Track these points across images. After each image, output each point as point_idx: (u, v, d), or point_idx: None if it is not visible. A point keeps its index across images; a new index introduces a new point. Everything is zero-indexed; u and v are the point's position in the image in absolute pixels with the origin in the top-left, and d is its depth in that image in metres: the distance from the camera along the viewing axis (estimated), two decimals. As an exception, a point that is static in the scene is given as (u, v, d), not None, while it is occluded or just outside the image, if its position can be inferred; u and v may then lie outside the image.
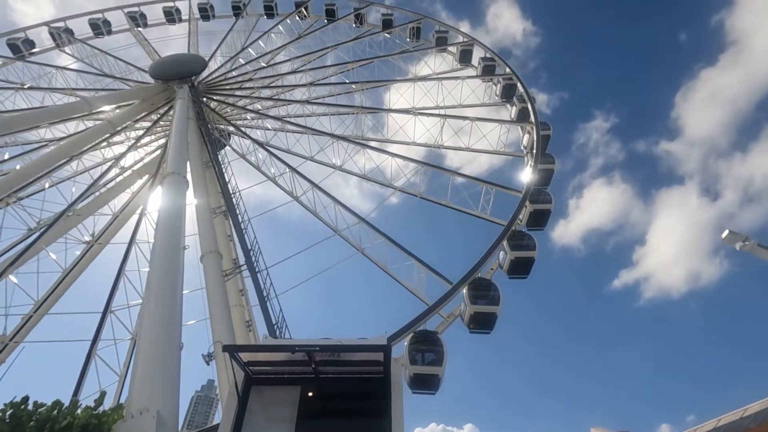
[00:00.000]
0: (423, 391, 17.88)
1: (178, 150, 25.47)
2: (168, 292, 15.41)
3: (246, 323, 28.35)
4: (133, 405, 10.70)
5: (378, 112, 32.93)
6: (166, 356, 12.95)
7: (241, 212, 32.15)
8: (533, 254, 22.45)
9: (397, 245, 23.08)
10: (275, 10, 47.15)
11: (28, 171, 24.78)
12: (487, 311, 19.65)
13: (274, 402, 10.61)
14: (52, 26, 42.47)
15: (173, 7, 47.18)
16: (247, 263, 28.00)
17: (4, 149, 29.25)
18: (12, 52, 39.95)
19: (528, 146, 29.35)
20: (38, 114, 27.47)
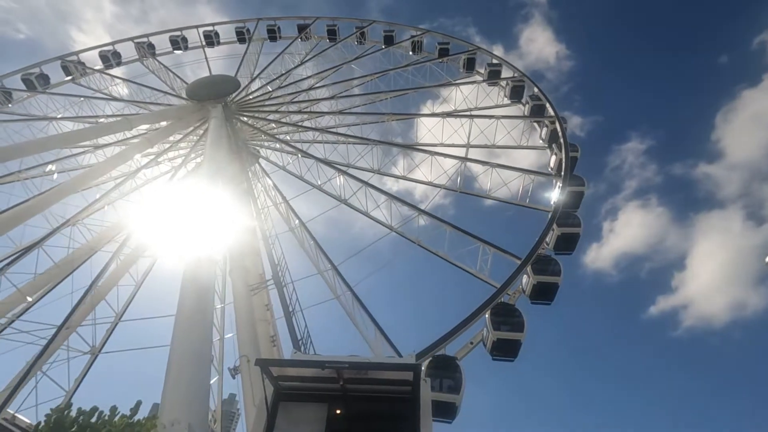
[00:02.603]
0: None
1: (210, 167, 26.58)
2: (199, 305, 15.78)
3: (271, 338, 28.43)
4: (165, 416, 11.17)
5: (394, 146, 31.59)
6: (197, 369, 13.34)
7: (269, 228, 33.03)
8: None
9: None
10: (337, 34, 48.23)
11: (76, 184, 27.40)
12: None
13: (302, 419, 10.62)
14: (138, 41, 47.77)
15: (245, 27, 50.49)
16: (274, 277, 28.30)
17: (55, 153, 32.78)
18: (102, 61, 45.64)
19: (555, 168, 26.81)
20: (86, 132, 30.54)
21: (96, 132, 30.39)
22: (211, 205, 24.23)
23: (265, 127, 33.97)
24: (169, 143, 32.63)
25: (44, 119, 36.21)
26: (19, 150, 27.27)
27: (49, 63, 43.17)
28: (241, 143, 34.29)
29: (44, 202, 26.07)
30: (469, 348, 19.99)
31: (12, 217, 25.15)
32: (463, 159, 29.38)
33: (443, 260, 24.75)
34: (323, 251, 24.81)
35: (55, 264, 25.12)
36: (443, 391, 17.06)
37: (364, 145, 31.24)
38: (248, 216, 32.83)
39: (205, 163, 28.25)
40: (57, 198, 26.13)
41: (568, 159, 27.11)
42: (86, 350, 24.91)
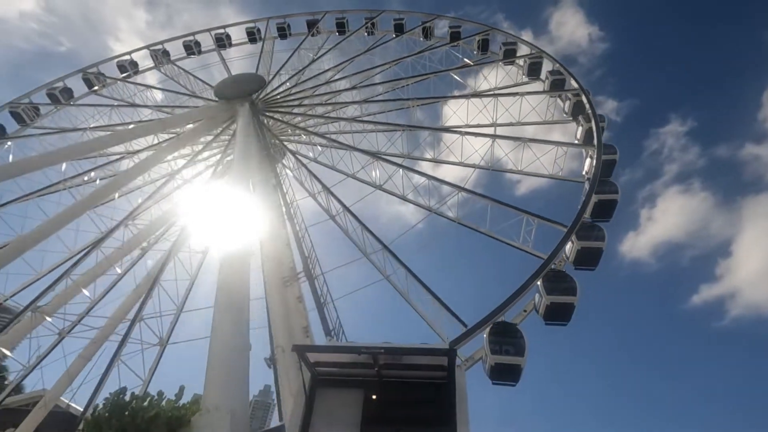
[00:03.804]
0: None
1: (240, 164, 27.27)
2: (236, 299, 16.49)
3: (303, 329, 29.05)
4: (208, 401, 11.69)
5: (421, 130, 31.93)
6: (236, 357, 13.90)
7: (299, 222, 33.68)
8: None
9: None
10: (346, 27, 48.47)
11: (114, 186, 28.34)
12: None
13: (339, 403, 10.98)
14: (153, 48, 48.48)
15: (255, 27, 50.96)
16: (305, 270, 29.01)
17: (93, 160, 33.73)
18: (120, 71, 46.42)
19: (588, 172, 26.47)
20: (123, 134, 31.34)
21: (131, 134, 31.14)
22: (242, 202, 25.03)
23: (293, 120, 34.46)
24: (201, 144, 33.28)
25: (77, 130, 37.07)
26: (60, 155, 28.17)
27: (71, 76, 44.15)
28: (269, 139, 34.89)
29: (88, 204, 27.04)
30: (523, 315, 20.50)
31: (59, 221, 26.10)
32: (493, 136, 29.65)
33: (484, 237, 25.11)
34: (371, 232, 25.30)
35: (107, 258, 25.91)
36: (508, 354, 17.40)
37: (392, 131, 31.63)
38: (278, 210, 33.57)
39: (235, 161, 28.89)
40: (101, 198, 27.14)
41: (598, 126, 27.26)
42: (155, 342, 25.93)
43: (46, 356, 24.39)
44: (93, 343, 27.11)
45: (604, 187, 24.26)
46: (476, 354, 19.19)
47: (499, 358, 17.80)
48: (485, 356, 18.49)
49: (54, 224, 24.46)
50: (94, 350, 27.24)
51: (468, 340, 17.84)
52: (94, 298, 26.48)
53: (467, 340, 18.29)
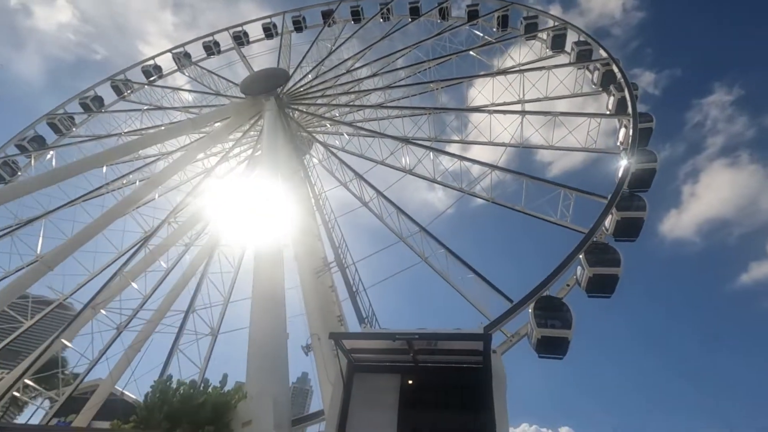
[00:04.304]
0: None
1: (269, 158, 27.82)
2: (272, 290, 17.22)
3: (337, 318, 29.75)
4: (251, 388, 12.27)
5: (449, 111, 31.64)
6: (275, 346, 14.55)
7: (328, 212, 34.17)
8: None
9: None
10: (362, 14, 48.18)
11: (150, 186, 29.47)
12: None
13: (377, 389, 11.12)
14: (174, 52, 49.45)
15: (271, 22, 51.23)
16: (336, 259, 29.58)
17: (130, 163, 35.02)
18: (145, 77, 47.62)
19: (624, 142, 25.80)
20: (157, 135, 32.34)
21: (163, 135, 32.09)
22: (272, 195, 25.52)
23: (318, 111, 34.75)
24: (232, 141, 33.99)
25: (111, 136, 38.42)
26: (99, 159, 29.40)
27: (100, 85, 45.61)
28: (295, 132, 35.34)
29: (130, 204, 28.25)
30: (566, 290, 20.42)
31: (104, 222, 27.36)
32: (522, 113, 29.17)
33: (519, 216, 24.92)
34: (408, 215, 25.46)
35: (152, 252, 27.00)
36: (556, 327, 17.51)
37: (418, 116, 31.51)
38: (307, 202, 34.09)
39: (263, 155, 29.45)
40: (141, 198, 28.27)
41: (631, 93, 26.48)
42: (207, 332, 27.07)
43: (107, 349, 25.84)
44: (141, 334, 28.59)
45: (642, 156, 23.78)
46: (522, 330, 19.26)
47: (546, 332, 17.92)
48: (531, 331, 18.56)
49: (100, 225, 25.68)
50: (142, 342, 28.80)
51: (513, 317, 18.00)
52: (145, 294, 27.85)
53: (512, 317, 18.47)
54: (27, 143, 39.54)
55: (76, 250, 24.97)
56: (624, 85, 27.39)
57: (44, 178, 27.13)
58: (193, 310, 27.08)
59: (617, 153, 26.33)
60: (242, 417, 11.46)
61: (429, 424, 10.79)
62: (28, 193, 26.51)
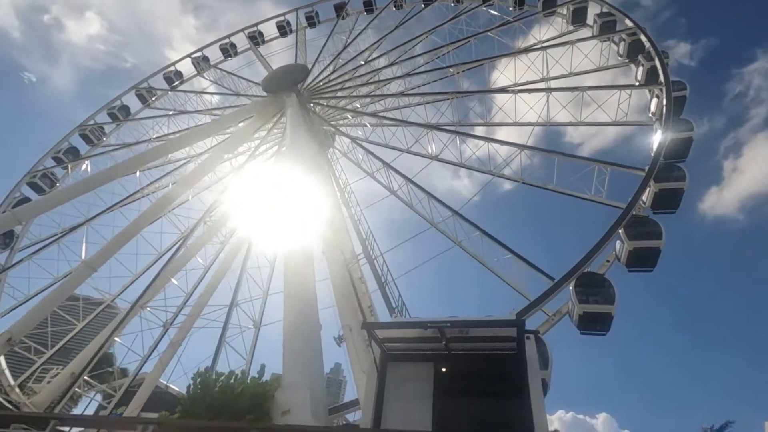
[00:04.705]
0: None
1: (293, 153, 28.18)
2: (303, 284, 17.73)
3: (368, 308, 30.04)
4: (287, 379, 12.84)
5: (472, 95, 31.23)
6: (308, 338, 15.10)
7: (354, 205, 34.45)
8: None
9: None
10: (374, 4, 47.87)
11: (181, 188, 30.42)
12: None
13: (410, 377, 11.14)
14: (193, 56, 50.33)
15: (284, 20, 51.49)
16: (364, 251, 29.90)
17: (162, 168, 36.07)
18: (167, 83, 48.72)
19: (657, 112, 25.00)
20: (184, 138, 33.13)
21: (189, 138, 32.83)
22: (299, 190, 25.80)
23: (339, 104, 34.88)
24: (258, 139, 34.51)
25: (140, 143, 39.59)
26: (131, 165, 30.54)
27: (126, 94, 46.95)
28: (318, 126, 35.59)
29: (164, 206, 29.25)
30: (606, 266, 20.10)
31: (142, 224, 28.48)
32: (548, 90, 28.57)
33: (550, 197, 24.59)
34: (439, 200, 25.41)
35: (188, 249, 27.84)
36: (598, 303, 17.33)
37: (441, 101, 31.23)
38: (333, 195, 34.37)
39: (287, 151, 29.81)
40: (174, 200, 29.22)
41: (662, 61, 25.58)
42: (250, 325, 27.92)
43: (157, 346, 26.97)
44: (182, 330, 29.70)
45: (677, 125, 23.05)
46: (563, 308, 19.08)
47: (588, 307, 17.77)
48: (572, 308, 18.38)
49: (137, 227, 26.70)
50: (182, 336, 29.98)
51: (555, 295, 17.86)
52: (187, 291, 28.88)
53: (554, 295, 18.35)
54: (62, 155, 41.08)
55: (117, 251, 26.15)
56: (653, 54, 26.47)
57: (81, 186, 28.26)
58: (236, 304, 27.93)
59: (650, 125, 25.61)
60: (281, 406, 11.82)
61: (464, 411, 10.54)
62: (68, 201, 27.70)
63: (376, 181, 30.72)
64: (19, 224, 26.39)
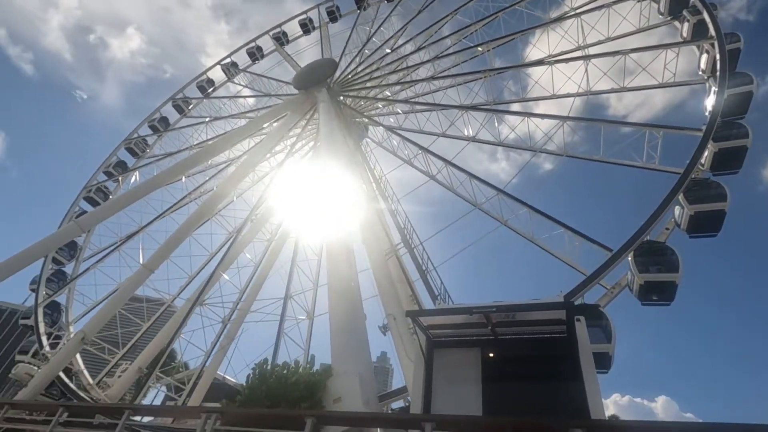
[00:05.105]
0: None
1: (328, 147, 28.54)
2: (345, 274, 18.07)
3: (410, 297, 30.30)
4: (336, 367, 13.22)
5: (505, 71, 30.39)
6: (354, 328, 15.48)
7: (390, 194, 34.55)
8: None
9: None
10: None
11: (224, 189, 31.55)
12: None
13: (457, 363, 11.14)
14: (223, 63, 51.66)
15: (306, 18, 51.90)
16: (403, 240, 30.02)
17: (205, 172, 37.46)
18: (200, 92, 50.31)
19: (708, 68, 23.52)
20: (222, 142, 34.18)
21: (227, 141, 33.84)
22: (335, 184, 26.03)
23: (369, 94, 34.90)
24: (293, 137, 35.16)
25: (182, 151, 41.23)
26: (177, 171, 31.91)
27: (164, 106, 48.98)
28: (350, 118, 35.82)
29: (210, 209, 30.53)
30: (666, 234, 19.26)
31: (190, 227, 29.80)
32: (587, 57, 27.40)
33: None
34: (482, 180, 25.03)
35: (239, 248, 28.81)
36: (661, 272, 16.65)
37: (473, 81, 30.61)
38: (369, 186, 34.53)
39: (321, 146, 30.16)
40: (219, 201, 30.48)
41: (710, 12, 23.98)
42: (303, 317, 28.84)
43: (218, 340, 28.31)
44: (235, 324, 30.97)
45: (734, 80, 21.58)
46: (622, 280, 18.47)
47: (649, 277, 17.10)
48: (632, 279, 17.74)
49: (188, 229, 27.97)
50: (236, 330, 31.37)
51: (613, 267, 17.28)
52: (241, 287, 30.14)
53: (612, 268, 17.76)
54: (112, 169, 43.36)
55: (171, 253, 27.57)
56: (700, 6, 24.88)
57: (132, 195, 29.72)
58: (290, 296, 28.89)
59: (703, 83, 24.16)
60: (332, 394, 12.24)
61: (515, 397, 10.28)
62: (122, 209, 29.33)
63: (414, 168, 30.58)
64: (81, 233, 28.13)
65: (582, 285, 17.95)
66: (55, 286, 34.45)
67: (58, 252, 34.46)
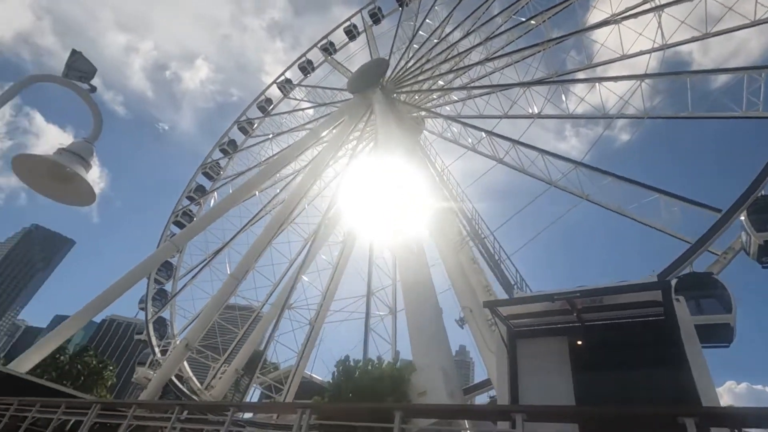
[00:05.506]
0: None
1: (387, 146, 28.73)
2: (417, 270, 18.17)
3: (485, 288, 29.58)
4: (418, 361, 13.37)
5: (567, 38, 28.27)
6: (431, 322, 15.49)
7: (454, 186, 33.89)
8: None
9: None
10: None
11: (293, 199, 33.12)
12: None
13: (543, 353, 10.63)
14: (278, 82, 54.28)
15: (350, 25, 52.79)
16: (472, 231, 29.36)
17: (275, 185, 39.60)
18: (261, 112, 53.31)
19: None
20: (287, 155, 35.90)
21: (293, 152, 35.54)
22: (398, 181, 25.83)
23: (424, 86, 34.52)
24: (354, 140, 35.90)
25: (251, 169, 44.06)
26: (250, 186, 34.14)
27: (231, 130, 52.68)
28: (406, 114, 35.70)
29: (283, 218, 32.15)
30: (724, 261, 16.88)
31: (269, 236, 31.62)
32: (657, 8, 24.54)
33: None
34: (557, 155, 23.51)
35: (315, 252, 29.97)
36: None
37: (531, 56, 28.91)
38: (431, 180, 34.05)
39: (382, 144, 30.29)
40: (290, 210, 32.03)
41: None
42: (385, 312, 29.56)
43: (307, 341, 29.70)
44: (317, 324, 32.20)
45: None
46: (734, 244, 16.28)
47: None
48: (747, 239, 15.57)
49: (267, 238, 29.75)
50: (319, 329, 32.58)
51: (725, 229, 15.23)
52: (323, 289, 31.50)
53: (721, 233, 15.74)
54: (193, 193, 47.44)
55: (254, 259, 29.54)
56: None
57: (214, 214, 32.42)
58: (372, 293, 29.68)
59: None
60: (417, 388, 12.19)
61: (610, 386, 9.41)
62: (207, 227, 32.02)
63: (479, 153, 29.54)
64: (176, 251, 31.42)
65: (688, 253, 16.15)
66: (159, 303, 38.52)
67: (157, 273, 38.49)
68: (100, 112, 5.01)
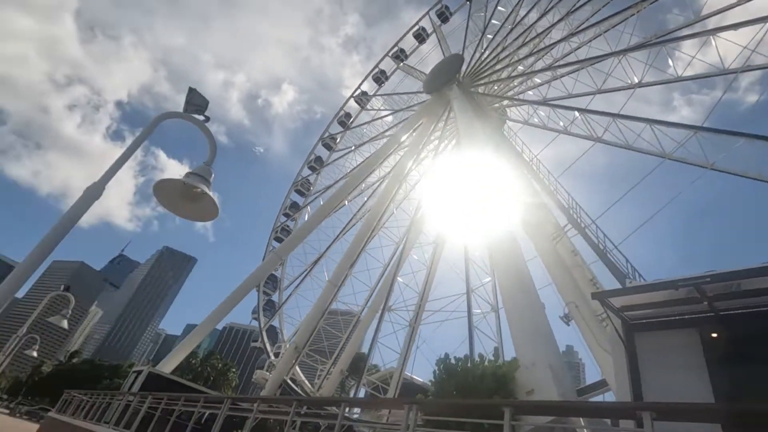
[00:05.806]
0: None
1: (470, 141, 28.22)
2: (514, 264, 17.60)
3: (589, 281, 27.53)
4: (523, 359, 12.88)
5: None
6: (534, 317, 14.97)
7: (545, 175, 31.99)
8: None
9: None
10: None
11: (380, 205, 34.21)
12: None
13: (668, 347, 9.61)
14: (355, 96, 56.34)
15: (419, 27, 52.89)
16: (570, 221, 27.58)
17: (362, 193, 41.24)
18: (341, 127, 55.87)
19: None
20: (370, 163, 37.11)
21: (375, 159, 36.72)
22: (486, 176, 24.89)
23: (503, 75, 33.27)
24: (436, 140, 35.92)
25: (338, 181, 46.45)
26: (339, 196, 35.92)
27: (316, 147, 56.09)
28: (486, 108, 34.65)
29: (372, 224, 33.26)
30: None
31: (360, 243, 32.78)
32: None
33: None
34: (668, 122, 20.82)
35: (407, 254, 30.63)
36: None
37: (622, 22, 26.11)
38: (520, 172, 32.45)
39: (464, 141, 29.67)
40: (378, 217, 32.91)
41: None
42: (488, 309, 29.34)
43: (409, 343, 30.31)
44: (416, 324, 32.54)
45: None
46: None
47: None
48: None
49: (359, 245, 30.99)
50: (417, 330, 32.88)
51: None
52: (419, 290, 32.23)
53: None
54: (289, 210, 51.30)
55: (349, 264, 30.90)
56: None
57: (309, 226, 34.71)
58: (472, 290, 29.49)
59: None
60: (524, 386, 11.62)
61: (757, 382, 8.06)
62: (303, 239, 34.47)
63: (573, 136, 27.43)
64: (279, 262, 34.54)
65: None
66: (269, 313, 42.32)
67: (265, 285, 42.33)
68: (214, 139, 5.66)
